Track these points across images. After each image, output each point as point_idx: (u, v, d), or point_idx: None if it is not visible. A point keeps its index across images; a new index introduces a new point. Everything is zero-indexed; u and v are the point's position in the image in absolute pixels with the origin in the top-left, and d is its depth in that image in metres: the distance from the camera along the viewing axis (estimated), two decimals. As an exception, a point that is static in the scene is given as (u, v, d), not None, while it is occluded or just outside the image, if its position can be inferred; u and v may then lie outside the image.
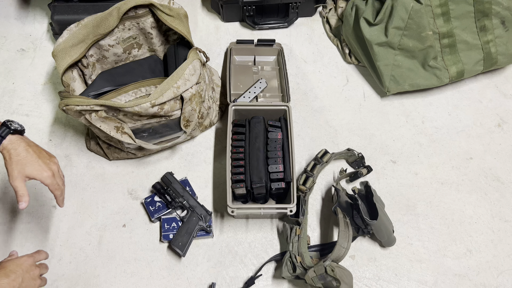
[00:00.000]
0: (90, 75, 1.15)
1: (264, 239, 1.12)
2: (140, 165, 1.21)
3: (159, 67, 1.19)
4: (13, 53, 1.41)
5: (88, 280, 1.06)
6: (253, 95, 1.26)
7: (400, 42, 1.22)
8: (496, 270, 1.09)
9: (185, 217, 1.10)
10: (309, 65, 1.40)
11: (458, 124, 1.30)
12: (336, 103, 1.33)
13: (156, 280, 1.06)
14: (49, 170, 0.84)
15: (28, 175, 0.81)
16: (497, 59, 1.29)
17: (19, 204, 0.80)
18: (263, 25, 1.44)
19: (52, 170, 0.84)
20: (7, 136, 0.81)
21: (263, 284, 1.07)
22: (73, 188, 1.17)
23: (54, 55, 1.04)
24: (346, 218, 1.02)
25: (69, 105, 0.96)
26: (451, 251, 1.11)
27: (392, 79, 1.27)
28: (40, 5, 1.50)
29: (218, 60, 1.41)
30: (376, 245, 1.11)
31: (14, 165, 0.80)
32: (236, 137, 1.12)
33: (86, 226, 1.12)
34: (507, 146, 1.27)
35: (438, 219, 1.15)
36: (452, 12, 1.22)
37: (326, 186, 1.19)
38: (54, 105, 1.31)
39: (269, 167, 1.06)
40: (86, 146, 1.23)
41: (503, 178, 1.21)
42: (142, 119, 1.04)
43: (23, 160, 0.81)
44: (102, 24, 1.06)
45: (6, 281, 0.76)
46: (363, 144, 1.26)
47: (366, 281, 1.07)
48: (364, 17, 1.24)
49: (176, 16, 1.10)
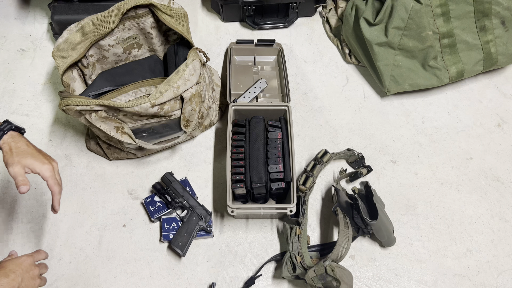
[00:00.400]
0: (90, 75, 1.15)
1: (264, 239, 1.12)
2: (140, 165, 1.21)
3: (159, 67, 1.19)
4: (13, 53, 1.41)
5: (88, 280, 1.06)
6: (253, 95, 1.26)
7: (400, 42, 1.22)
8: (496, 270, 1.09)
9: (185, 217, 1.10)
10: (309, 65, 1.40)
11: (458, 124, 1.30)
12: (336, 103, 1.33)
13: (156, 280, 1.06)
14: (49, 163, 0.83)
15: (28, 165, 0.81)
16: (497, 59, 1.29)
17: (20, 188, 0.78)
18: (263, 25, 1.44)
19: (52, 165, 0.84)
20: (9, 132, 0.82)
21: (263, 284, 1.07)
22: (73, 188, 1.17)
23: (54, 55, 1.04)
24: (346, 218, 1.02)
25: (69, 105, 0.96)
26: (451, 251, 1.11)
27: (392, 79, 1.27)
28: (40, 5, 1.50)
29: (218, 60, 1.41)
30: (376, 245, 1.11)
31: (14, 155, 0.80)
32: (236, 137, 1.12)
33: (86, 226, 1.12)
34: (507, 146, 1.27)
35: (438, 219, 1.15)
36: (452, 12, 1.22)
37: (326, 186, 1.19)
38: (54, 105, 1.31)
39: (269, 167, 1.06)
40: (86, 146, 1.23)
41: (503, 178, 1.21)
42: (142, 119, 1.04)
43: (24, 152, 0.81)
44: (102, 24, 1.06)
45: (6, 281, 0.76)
46: (363, 144, 1.26)
47: (366, 281, 1.07)
48: (364, 17, 1.24)
49: (176, 16, 1.10)
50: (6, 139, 0.81)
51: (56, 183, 0.84)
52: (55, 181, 0.84)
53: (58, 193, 0.85)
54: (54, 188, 0.84)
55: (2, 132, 0.82)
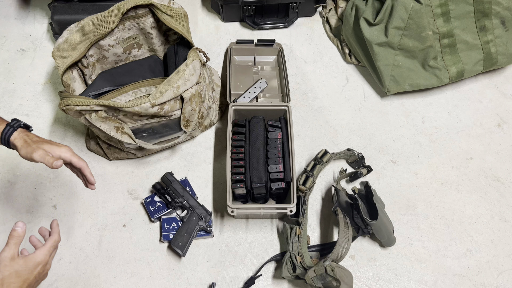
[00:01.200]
0: (90, 75, 1.15)
1: (264, 239, 1.12)
2: (140, 165, 1.21)
3: (159, 67, 1.19)
4: (13, 53, 1.41)
5: (88, 280, 1.06)
6: (253, 95, 1.26)
7: (400, 42, 1.22)
8: (496, 270, 1.09)
9: (185, 217, 1.10)
10: (309, 65, 1.40)
11: (458, 124, 1.30)
12: (336, 103, 1.33)
13: (156, 280, 1.06)
14: (65, 146, 0.84)
15: (47, 150, 0.81)
16: (497, 59, 1.29)
17: (54, 163, 0.79)
18: (263, 25, 1.44)
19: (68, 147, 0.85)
20: (18, 128, 0.84)
21: (263, 284, 1.07)
22: (73, 188, 1.17)
23: (54, 55, 1.04)
24: (346, 218, 1.02)
25: (69, 105, 0.96)
26: (451, 251, 1.11)
27: (392, 79, 1.27)
28: (40, 5, 1.50)
29: (218, 60, 1.41)
30: (376, 245, 1.11)
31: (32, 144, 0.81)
32: (236, 137, 1.12)
33: (86, 226, 1.12)
34: (507, 146, 1.27)
35: (438, 219, 1.15)
36: (452, 12, 1.22)
37: (326, 186, 1.19)
38: (54, 105, 1.31)
39: (269, 167, 1.06)
40: (86, 146, 1.23)
41: (503, 178, 1.21)
42: (142, 119, 1.04)
43: (39, 141, 0.83)
44: (102, 24, 1.06)
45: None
46: (363, 144, 1.26)
47: (366, 281, 1.07)
48: (364, 17, 1.24)
49: (176, 16, 1.10)
50: (17, 135, 0.83)
51: (80, 159, 0.85)
52: (78, 157, 0.85)
53: (87, 166, 0.86)
54: (80, 163, 0.85)
55: (12, 129, 0.83)
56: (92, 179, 0.88)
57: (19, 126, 0.84)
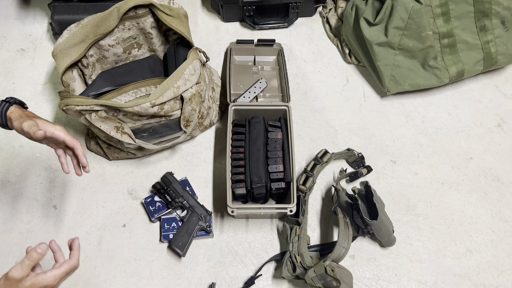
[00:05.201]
0: (90, 75, 1.15)
1: (264, 239, 1.12)
2: (140, 165, 1.21)
3: (159, 67, 1.19)
4: (13, 53, 1.41)
5: (88, 280, 1.06)
6: (253, 95, 1.26)
7: (400, 42, 1.22)
8: (496, 270, 1.09)
9: (185, 217, 1.10)
10: (309, 65, 1.40)
11: (458, 124, 1.30)
12: (336, 103, 1.33)
13: (156, 280, 1.06)
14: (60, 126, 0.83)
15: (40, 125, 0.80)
16: (497, 59, 1.29)
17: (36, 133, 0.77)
18: (263, 25, 1.44)
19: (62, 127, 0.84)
20: (14, 104, 0.84)
21: (263, 284, 1.07)
22: (73, 188, 1.17)
23: (54, 55, 1.04)
24: (346, 218, 1.02)
25: (69, 105, 0.96)
26: (451, 251, 1.11)
27: (392, 79, 1.27)
28: (40, 5, 1.50)
29: (218, 60, 1.41)
30: (376, 245, 1.11)
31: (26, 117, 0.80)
32: (236, 137, 1.12)
33: (86, 226, 1.12)
34: (507, 146, 1.27)
35: (438, 219, 1.15)
36: (452, 12, 1.22)
37: (326, 186, 1.19)
38: (54, 105, 1.31)
39: (269, 167, 1.06)
40: (86, 146, 1.23)
41: (503, 178, 1.21)
42: (142, 119, 1.04)
43: (34, 116, 0.82)
44: (102, 24, 1.06)
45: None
46: (363, 144, 1.26)
47: (366, 281, 1.07)
48: (364, 17, 1.24)
49: (176, 16, 1.10)
50: (13, 109, 0.83)
51: (73, 138, 0.83)
52: (71, 137, 0.83)
53: (80, 146, 0.84)
54: (73, 142, 0.83)
55: (8, 104, 0.83)
56: (85, 161, 0.85)
57: (14, 102, 0.84)
